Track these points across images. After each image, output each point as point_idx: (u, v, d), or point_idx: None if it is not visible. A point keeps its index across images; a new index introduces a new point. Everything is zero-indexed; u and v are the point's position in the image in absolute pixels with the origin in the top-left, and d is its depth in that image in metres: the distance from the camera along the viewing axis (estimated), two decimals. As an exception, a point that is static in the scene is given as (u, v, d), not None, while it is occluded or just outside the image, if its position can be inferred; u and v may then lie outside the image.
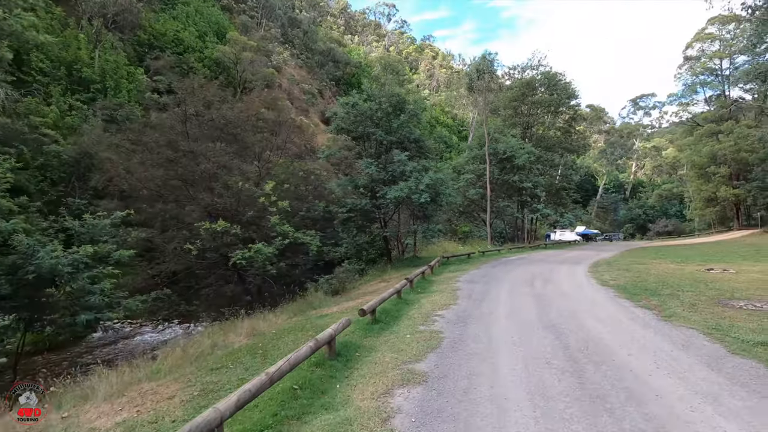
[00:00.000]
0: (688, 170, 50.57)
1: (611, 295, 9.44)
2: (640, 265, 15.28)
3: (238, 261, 12.21)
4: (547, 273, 13.77)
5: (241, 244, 12.97)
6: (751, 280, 10.83)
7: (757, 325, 6.35)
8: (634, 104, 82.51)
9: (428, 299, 9.30)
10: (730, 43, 45.18)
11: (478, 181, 30.46)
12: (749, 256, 17.05)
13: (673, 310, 7.57)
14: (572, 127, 35.91)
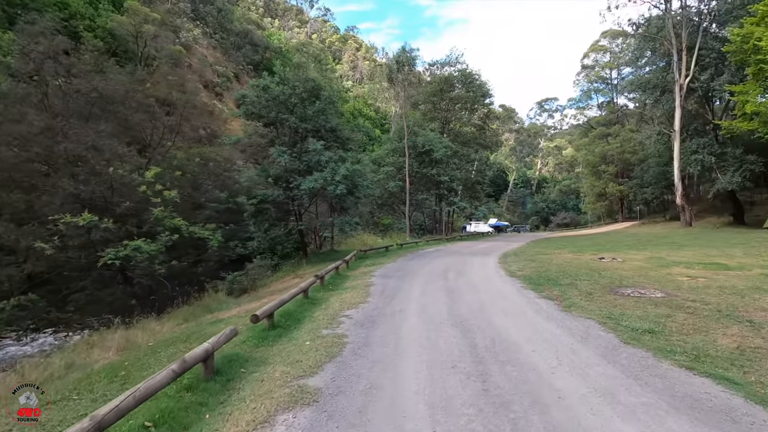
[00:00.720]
0: (583, 168, 56.19)
1: (518, 286, 9.65)
2: (544, 256, 16.22)
3: (110, 261, 10.42)
4: (460, 265, 13.95)
5: (117, 241, 11.13)
6: (634, 268, 11.88)
7: (643, 312, 6.72)
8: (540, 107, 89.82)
9: (338, 297, 8.71)
10: (618, 55, 50.89)
11: (398, 173, 30.59)
12: (632, 245, 19.05)
13: (572, 300, 7.83)
14: (486, 124, 37.73)
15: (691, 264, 12.13)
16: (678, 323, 6.05)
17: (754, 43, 23.28)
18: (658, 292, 8.31)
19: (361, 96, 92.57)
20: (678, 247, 17.08)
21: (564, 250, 18.71)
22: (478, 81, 36.11)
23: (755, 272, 10.38)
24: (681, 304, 7.18)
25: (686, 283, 9.18)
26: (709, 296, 7.70)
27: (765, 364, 4.44)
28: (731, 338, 5.31)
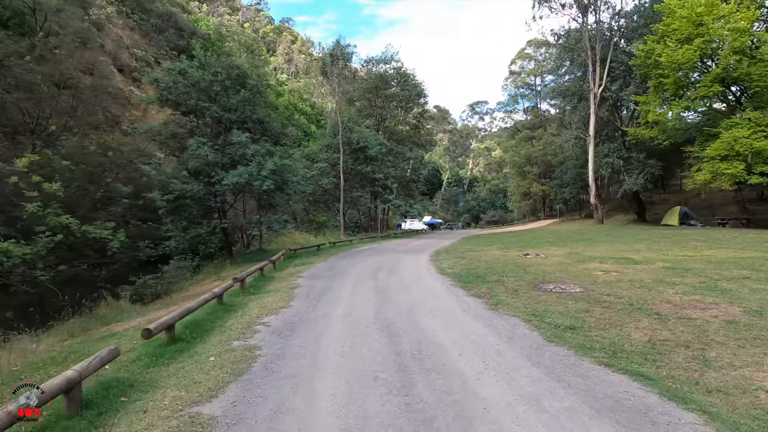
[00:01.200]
0: (510, 169, 59.37)
1: (447, 284, 9.57)
2: (474, 253, 16.57)
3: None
4: (393, 263, 13.73)
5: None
6: (555, 264, 12.43)
7: (564, 308, 6.85)
8: (471, 109, 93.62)
9: (258, 302, 7.97)
10: (541, 64, 54.37)
11: (332, 170, 29.89)
12: (553, 242, 20.18)
13: (499, 297, 7.84)
14: (421, 123, 38.22)
15: (604, 259, 12.96)
16: (596, 318, 6.21)
17: (655, 58, 25.84)
18: (577, 286, 8.63)
19: (296, 90, 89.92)
20: (592, 243, 18.32)
21: (492, 246, 19.33)
22: (413, 80, 36.47)
23: (657, 266, 11.28)
24: (598, 298, 7.46)
25: (601, 277, 9.68)
26: (622, 290, 8.12)
27: (674, 357, 4.58)
28: (643, 331, 5.50)
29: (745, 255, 13.02)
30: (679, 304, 6.83)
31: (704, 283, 8.50)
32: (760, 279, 8.91)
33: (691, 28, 23.98)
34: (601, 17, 33.27)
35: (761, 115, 22.41)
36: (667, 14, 25.82)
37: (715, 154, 23.11)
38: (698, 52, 23.73)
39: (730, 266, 10.80)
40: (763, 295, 7.31)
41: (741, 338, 5.02)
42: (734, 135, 22.15)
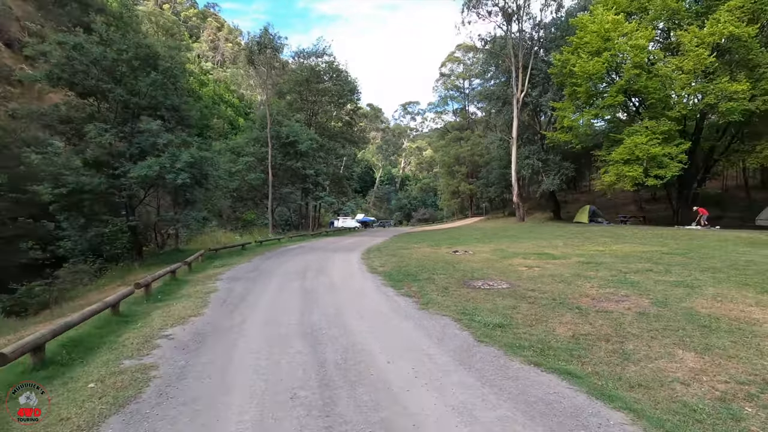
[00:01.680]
0: (440, 168, 61.21)
1: (378, 283, 9.25)
2: (405, 250, 16.53)
3: None
4: (322, 262, 13.15)
5: None
6: (483, 260, 12.72)
7: (492, 305, 6.83)
8: (404, 109, 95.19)
9: (165, 310, 6.99)
10: (469, 68, 56.62)
11: (260, 165, 28.36)
12: (480, 239, 20.89)
13: (429, 296, 7.67)
14: (354, 120, 37.77)
15: (527, 255, 13.54)
16: (523, 314, 6.23)
17: (570, 68, 27.89)
18: (504, 283, 8.77)
19: (222, 80, 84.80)
20: (516, 240, 19.22)
21: (423, 244, 19.50)
22: (345, 75, 35.92)
23: (574, 260, 11.98)
24: (523, 294, 7.58)
25: (525, 273, 9.99)
26: (545, 285, 8.38)
27: (596, 352, 4.63)
28: (566, 326, 5.58)
29: (645, 249, 14.36)
30: (597, 297, 7.14)
31: (615, 276, 9.08)
32: (660, 271, 9.74)
33: (600, 42, 26.19)
34: (523, 27, 35.30)
35: (656, 124, 25.12)
36: (580, 28, 28.00)
37: (619, 158, 25.48)
38: (606, 65, 25.99)
39: (634, 260, 11.77)
40: (665, 286, 7.92)
41: (653, 329, 5.26)
42: (635, 141, 24.58)
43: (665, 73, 23.98)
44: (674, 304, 6.48)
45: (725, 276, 8.95)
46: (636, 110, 29.64)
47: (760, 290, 7.47)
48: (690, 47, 22.69)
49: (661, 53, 25.54)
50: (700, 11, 24.99)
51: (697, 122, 26.61)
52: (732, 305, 6.38)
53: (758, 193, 38.41)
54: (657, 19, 25.75)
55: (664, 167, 24.17)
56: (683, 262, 11.02)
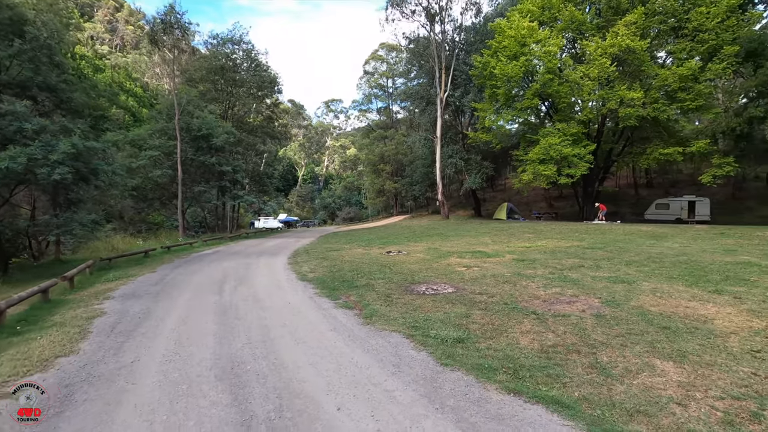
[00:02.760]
0: (365, 167, 60.80)
1: (311, 293, 8.12)
2: (335, 252, 15.47)
3: None
4: (243, 270, 11.58)
5: None
6: (419, 260, 12.16)
7: (444, 315, 6.13)
8: (327, 106, 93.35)
9: (21, 349, 5.15)
10: (392, 67, 56.84)
11: (168, 160, 25.18)
12: (410, 237, 20.54)
13: (372, 306, 6.77)
14: (275, 114, 35.51)
15: (461, 253, 13.29)
16: (479, 324, 5.59)
17: (490, 70, 28.86)
18: (448, 286, 8.17)
19: (122, 66, 75.65)
20: (445, 238, 19.14)
21: (353, 244, 18.59)
22: (265, 66, 33.59)
23: (508, 258, 11.93)
24: (472, 299, 7.01)
25: (466, 273, 9.54)
26: (490, 287, 7.93)
27: (573, 368, 4.08)
28: (529, 337, 5.03)
29: (567, 244, 14.96)
30: (547, 299, 6.80)
31: (554, 274, 8.99)
32: (591, 267, 9.91)
33: (517, 47, 27.42)
34: (446, 28, 35.96)
35: (566, 126, 26.94)
36: (498, 32, 29.11)
37: (536, 158, 26.90)
38: (523, 69, 27.27)
39: (562, 255, 12.03)
40: (605, 283, 7.90)
41: (618, 335, 4.91)
42: (549, 142, 26.10)
43: (574, 79, 25.76)
44: (623, 303, 6.32)
45: (649, 269, 9.31)
46: (547, 113, 31.70)
47: (687, 283, 7.74)
48: (595, 56, 24.58)
49: (570, 60, 27.45)
50: (601, 24, 27.28)
51: (599, 126, 29.06)
52: (674, 301, 6.40)
53: (644, 190, 43.65)
54: (566, 30, 27.59)
55: (575, 167, 25.96)
56: (606, 256, 11.46)
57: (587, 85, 24.98)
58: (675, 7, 24.50)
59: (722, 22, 23.61)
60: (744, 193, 36.10)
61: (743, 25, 24.93)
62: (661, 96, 24.60)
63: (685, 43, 24.49)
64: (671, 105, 24.75)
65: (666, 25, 25.41)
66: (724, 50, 23.64)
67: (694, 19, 23.87)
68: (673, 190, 39.89)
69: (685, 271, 8.81)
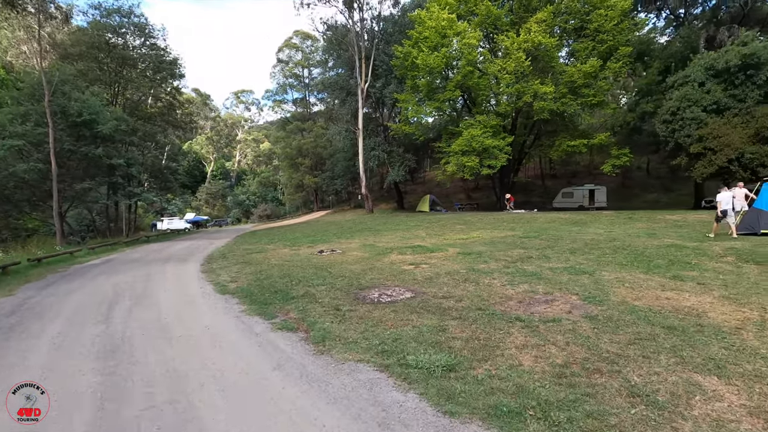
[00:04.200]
0: (282, 161, 57.59)
1: (237, 311, 6.43)
2: (258, 254, 13.56)
3: None
4: (142, 283, 9.28)
5: None
6: (358, 260, 10.91)
7: (414, 330, 4.97)
8: (236, 97, 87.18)
9: None
10: (308, 56, 54.28)
11: (38, 151, 20.53)
12: (339, 234, 19.18)
13: (321, 324, 5.36)
14: (177, 100, 31.34)
15: (401, 249, 12.32)
16: (461, 339, 4.53)
17: (412, 61, 28.39)
18: (405, 290, 7.06)
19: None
20: (377, 233, 18.13)
21: (277, 244, 16.72)
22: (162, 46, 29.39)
23: (452, 252, 11.21)
24: (438, 305, 5.97)
25: (417, 273, 8.52)
26: (450, 288, 6.98)
27: (611, 399, 3.16)
28: (529, 354, 4.08)
29: (502, 234, 14.81)
30: (521, 299, 6.00)
31: (509, 268, 8.36)
32: (539, 257, 9.52)
33: (438, 38, 27.24)
34: (364, 16, 34.79)
35: (486, 119, 27.54)
36: (418, 23, 28.74)
37: (459, 150, 27.07)
38: (444, 60, 27.21)
39: (503, 246, 11.65)
40: (567, 276, 7.39)
41: (628, 342, 4.17)
42: (471, 133, 26.39)
43: (493, 72, 26.33)
44: (603, 298, 5.74)
45: (596, 257, 9.15)
46: (467, 105, 32.31)
47: (642, 270, 7.55)
48: (512, 50, 25.30)
49: (488, 54, 28.05)
50: (514, 20, 28.28)
51: (513, 119, 30.27)
52: (649, 292, 5.99)
53: (550, 180, 47.25)
54: (482, 24, 28.09)
55: (495, 158, 26.62)
56: (546, 245, 11.29)
57: (505, 79, 25.66)
58: (578, 8, 26.12)
59: (618, 25, 25.72)
60: (630, 181, 40.73)
61: (633, 29, 27.58)
62: (568, 91, 26.16)
63: (588, 43, 26.29)
64: (577, 100, 26.48)
65: (571, 24, 27.08)
66: (620, 51, 25.83)
67: (594, 20, 25.65)
68: (573, 180, 43.65)
69: (631, 258, 8.75)
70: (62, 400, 3.60)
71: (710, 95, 21.17)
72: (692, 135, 21.22)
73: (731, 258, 8.22)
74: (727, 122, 20.27)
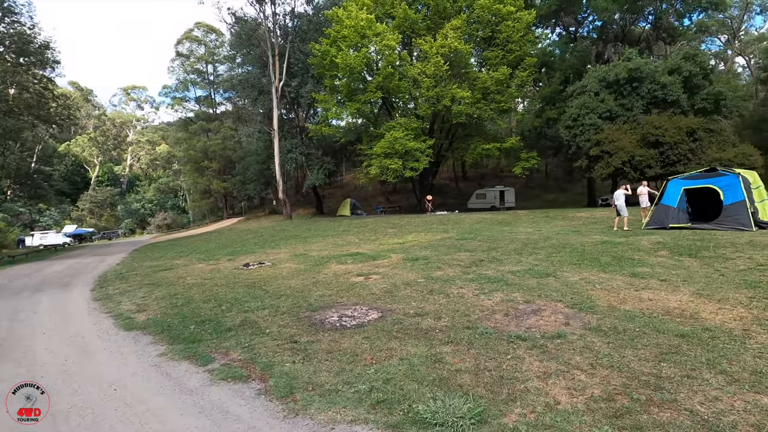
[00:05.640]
0: (185, 164, 52.23)
1: (154, 356, 4.84)
2: (168, 272, 11.42)
3: None
4: (5, 324, 6.92)
5: None
6: (294, 273, 9.61)
7: (403, 364, 4.02)
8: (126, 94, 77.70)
9: None
10: (212, 51, 49.99)
11: None
12: (260, 243, 17.39)
13: (280, 368, 4.12)
14: (49, 89, 26.14)
15: (340, 258, 11.23)
16: (470, 374, 3.68)
17: (331, 59, 27.32)
18: (366, 308, 6.04)
19: None
20: (305, 241, 16.76)
21: (188, 258, 14.48)
22: (30, 25, 24.27)
23: (396, 259, 10.45)
24: (415, 326, 5.08)
25: (371, 285, 7.54)
26: (418, 302, 6.15)
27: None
28: (560, 387, 3.38)
29: (437, 237, 14.47)
30: (506, 311, 5.37)
31: (467, 274, 7.81)
32: (491, 260, 9.17)
33: (357, 38, 26.59)
34: (277, 10, 32.78)
35: (408, 121, 27.55)
36: (336, 22, 27.82)
37: (381, 152, 26.68)
38: (365, 60, 26.64)
39: (445, 250, 11.21)
40: (533, 280, 7.02)
41: (658, 358, 3.68)
42: (394, 136, 26.17)
43: (413, 75, 26.41)
44: (589, 305, 5.35)
45: (544, 257, 9.06)
46: (386, 108, 32.14)
47: (600, 270, 7.50)
48: (431, 54, 25.60)
49: (408, 57, 28.12)
50: (430, 26, 28.79)
51: (431, 123, 30.83)
52: (626, 294, 5.78)
53: (462, 183, 49.51)
54: (400, 27, 28.11)
55: (418, 160, 26.72)
56: (488, 247, 11.10)
57: (425, 82, 25.88)
58: (488, 18, 27.42)
59: (524, 36, 27.55)
60: (532, 182, 44.35)
61: (536, 42, 29.83)
62: (482, 97, 27.32)
63: (498, 51, 27.74)
64: (490, 105, 27.77)
65: (482, 33, 28.36)
66: (527, 60, 27.68)
67: (503, 31, 27.15)
68: (483, 181, 46.25)
69: (577, 256, 8.79)
70: None
71: (604, 104, 23.57)
72: (591, 139, 23.39)
73: (665, 252, 8.64)
74: (618, 128, 22.70)
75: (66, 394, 3.95)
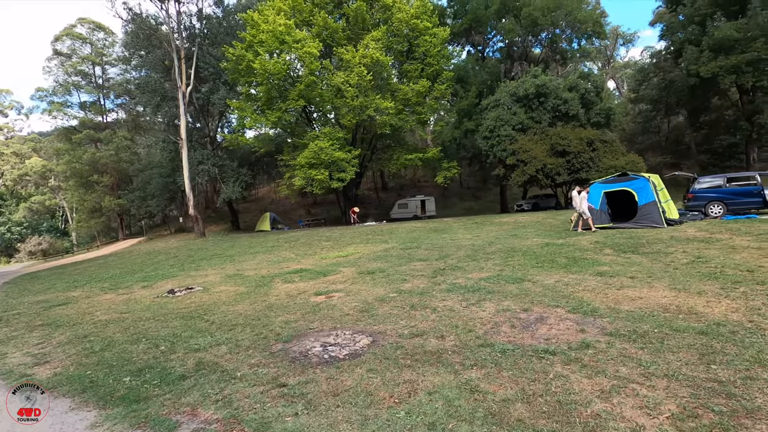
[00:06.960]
0: (67, 179, 44.96)
1: (82, 429, 3.48)
2: (65, 308, 9.21)
3: None
4: None
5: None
6: (238, 296, 8.33)
7: (441, 402, 3.42)
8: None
9: None
10: (100, 51, 44.02)
11: None
12: (180, 265, 15.28)
13: (281, 426, 3.16)
14: None
15: (286, 276, 10.11)
16: (521, 403, 3.14)
17: (247, 64, 25.61)
18: (349, 333, 5.22)
19: None
20: (232, 260, 15.12)
21: (88, 288, 12.02)
22: None
23: (349, 272, 9.71)
24: (421, 349, 4.42)
25: (339, 306, 6.70)
26: (406, 320, 5.51)
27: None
28: (629, 406, 3.00)
29: (380, 248, 13.94)
30: (511, 323, 4.97)
31: (441, 285, 7.37)
32: (452, 268, 8.88)
33: (276, 43, 25.33)
34: (182, 9, 29.90)
35: (332, 131, 26.84)
36: (251, 26, 26.26)
37: (305, 162, 25.58)
38: (285, 66, 25.43)
39: (396, 260, 10.73)
40: (513, 285, 6.80)
41: (702, 361, 3.51)
42: (319, 145, 25.26)
43: (336, 83, 25.87)
44: (590, 308, 5.19)
45: (502, 262, 9.03)
46: (306, 116, 31.05)
47: (566, 270, 7.59)
48: (353, 63, 25.33)
49: (330, 66, 27.50)
50: (351, 36, 28.61)
51: (354, 133, 30.51)
52: (615, 294, 5.78)
53: (383, 193, 49.95)
54: (320, 35, 27.47)
55: (344, 171, 26.11)
56: (438, 255, 10.87)
57: (350, 92, 25.48)
58: (406, 32, 28.09)
59: (440, 51, 28.71)
60: (449, 191, 46.32)
61: (451, 57, 31.31)
62: (404, 108, 27.76)
63: (417, 65, 28.52)
64: (412, 116, 28.34)
65: (401, 47, 28.94)
66: (444, 74, 28.84)
67: (422, 45, 28.00)
68: (402, 192, 47.16)
69: (533, 260, 8.90)
70: None
71: (516, 116, 25.40)
72: (507, 149, 24.99)
73: (609, 250, 9.14)
74: (530, 139, 24.59)
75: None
